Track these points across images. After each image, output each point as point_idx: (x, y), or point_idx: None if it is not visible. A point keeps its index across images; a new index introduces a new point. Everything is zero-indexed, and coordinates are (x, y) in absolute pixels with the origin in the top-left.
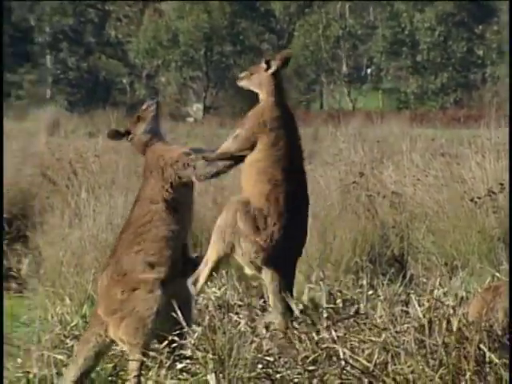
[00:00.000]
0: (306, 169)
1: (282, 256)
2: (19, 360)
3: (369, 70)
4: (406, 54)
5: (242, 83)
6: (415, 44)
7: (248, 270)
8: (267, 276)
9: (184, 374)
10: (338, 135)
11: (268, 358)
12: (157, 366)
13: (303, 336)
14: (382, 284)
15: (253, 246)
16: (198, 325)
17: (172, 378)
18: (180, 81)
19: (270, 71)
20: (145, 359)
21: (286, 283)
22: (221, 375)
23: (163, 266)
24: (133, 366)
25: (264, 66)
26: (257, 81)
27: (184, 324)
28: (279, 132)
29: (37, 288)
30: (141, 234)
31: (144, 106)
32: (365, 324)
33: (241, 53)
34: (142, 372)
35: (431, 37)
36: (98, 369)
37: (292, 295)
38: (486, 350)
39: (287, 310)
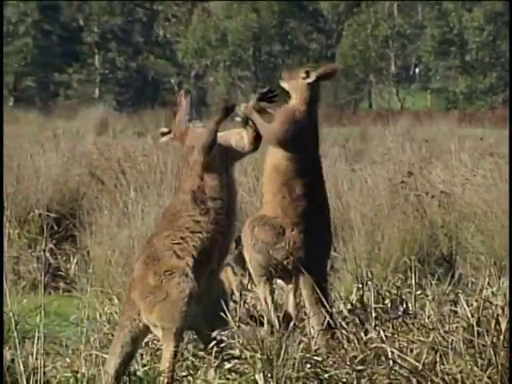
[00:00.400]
0: (355, 168)
1: (312, 257)
2: (68, 359)
3: (417, 70)
4: (455, 53)
5: (283, 84)
6: (464, 43)
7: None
8: (300, 282)
9: (232, 373)
10: (386, 134)
11: (316, 358)
12: (205, 365)
13: (351, 336)
14: (431, 284)
15: (281, 252)
16: (247, 324)
17: (220, 378)
18: (228, 80)
19: (308, 80)
20: (177, 348)
21: (320, 288)
22: (269, 375)
23: (187, 256)
24: (167, 353)
25: (303, 75)
26: (293, 86)
27: (228, 320)
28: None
29: (85, 287)
30: (171, 221)
31: (177, 99)
32: (413, 324)
33: (289, 52)
34: (189, 371)
35: (480, 36)
36: (146, 368)
37: (327, 300)
38: None
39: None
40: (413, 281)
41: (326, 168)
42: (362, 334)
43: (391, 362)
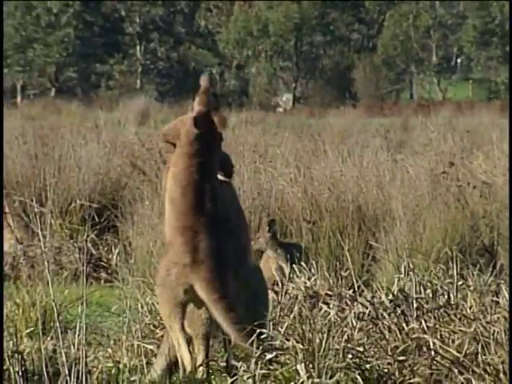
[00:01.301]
0: (397, 158)
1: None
2: (109, 350)
3: (459, 60)
4: (496, 43)
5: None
6: (505, 33)
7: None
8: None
9: (273, 364)
10: (427, 125)
11: (358, 348)
12: (246, 356)
13: (393, 326)
14: (472, 274)
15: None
16: (288, 315)
17: (261, 369)
18: (270, 71)
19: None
20: (208, 349)
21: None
22: (310, 365)
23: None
24: (199, 355)
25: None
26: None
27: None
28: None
29: (127, 278)
30: None
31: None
32: (455, 314)
33: (330, 43)
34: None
35: None
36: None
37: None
38: None
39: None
40: (454, 271)
41: (368, 158)
42: (404, 324)
43: (433, 352)
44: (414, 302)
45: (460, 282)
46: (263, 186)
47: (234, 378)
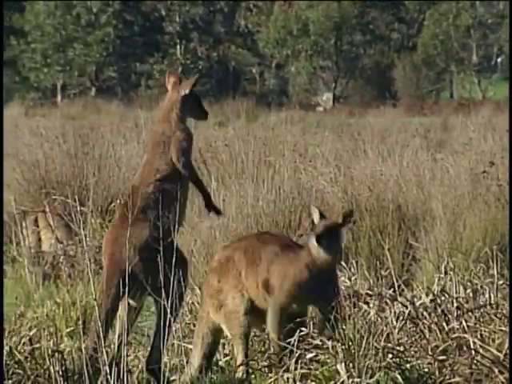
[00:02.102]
0: (437, 157)
1: None
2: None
3: (499, 60)
4: None
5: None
6: None
7: None
8: None
9: (314, 363)
10: (468, 124)
11: (398, 348)
12: (287, 355)
13: (433, 326)
14: None
15: None
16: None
17: (302, 368)
18: (310, 70)
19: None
20: (246, 349)
21: None
22: (351, 365)
23: None
24: (238, 355)
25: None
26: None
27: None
28: None
29: None
30: None
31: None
32: (495, 314)
33: (370, 42)
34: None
35: None
36: (228, 358)
37: None
38: None
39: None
40: (494, 270)
41: (408, 158)
42: (444, 324)
43: (473, 352)
44: (455, 301)
45: (500, 282)
46: (303, 186)
47: (275, 378)
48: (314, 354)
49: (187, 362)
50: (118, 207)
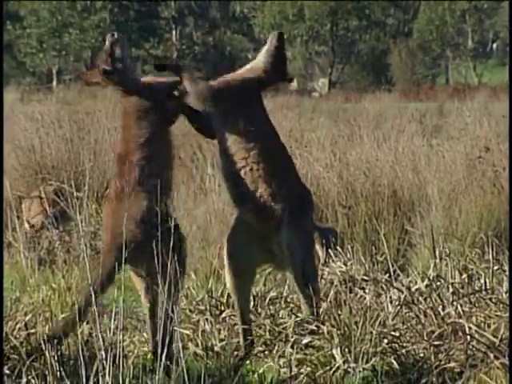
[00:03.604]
0: (432, 143)
1: None
2: (145, 334)
3: (494, 45)
4: None
5: None
6: None
7: None
8: None
9: (309, 348)
10: (463, 110)
11: (393, 333)
12: (282, 340)
13: (429, 311)
14: (508, 259)
15: None
16: (324, 300)
17: (297, 353)
18: (305, 56)
19: None
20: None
21: None
22: (346, 350)
23: None
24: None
25: None
26: None
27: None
28: None
29: None
30: None
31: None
32: (490, 299)
33: (366, 28)
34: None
35: None
36: (223, 343)
37: None
38: None
39: None
40: (490, 256)
41: (403, 143)
42: (440, 309)
43: (468, 337)
44: (450, 286)
45: (496, 267)
46: (299, 171)
47: (270, 363)
48: (309, 340)
49: (183, 348)
50: (111, 181)
